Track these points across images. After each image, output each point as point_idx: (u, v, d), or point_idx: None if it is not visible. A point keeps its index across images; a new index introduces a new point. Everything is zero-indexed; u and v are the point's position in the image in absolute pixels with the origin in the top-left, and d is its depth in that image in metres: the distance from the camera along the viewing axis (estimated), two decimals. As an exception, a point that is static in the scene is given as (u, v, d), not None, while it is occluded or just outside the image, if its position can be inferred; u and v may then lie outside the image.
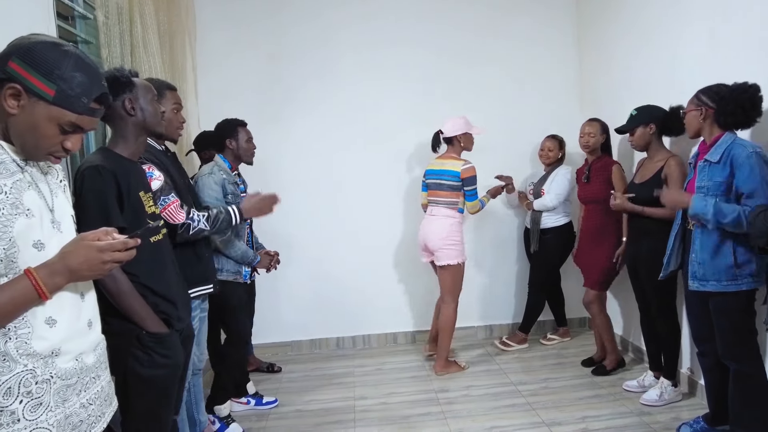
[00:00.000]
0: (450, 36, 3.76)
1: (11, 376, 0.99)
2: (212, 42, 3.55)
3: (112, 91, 1.65)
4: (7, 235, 0.98)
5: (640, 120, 2.66)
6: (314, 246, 3.76)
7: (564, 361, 3.40)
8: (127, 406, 1.64)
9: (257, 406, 2.91)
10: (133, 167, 1.71)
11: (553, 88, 3.89)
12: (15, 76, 0.99)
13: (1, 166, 1.01)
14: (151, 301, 1.64)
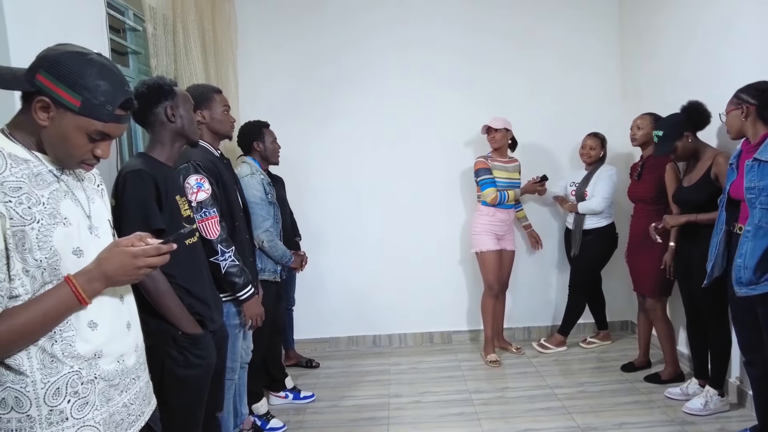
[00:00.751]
0: (484, 36, 3.75)
1: (59, 377, 1.04)
2: (251, 49, 3.68)
3: (155, 98, 1.76)
4: (47, 245, 1.02)
5: (672, 137, 2.55)
6: (352, 244, 3.84)
7: (603, 365, 3.32)
8: (163, 403, 1.75)
9: (295, 400, 3.00)
10: (169, 172, 1.79)
11: (594, 84, 3.80)
12: (43, 88, 1.02)
13: (38, 177, 1.05)
14: (187, 302, 1.72)
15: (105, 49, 2.18)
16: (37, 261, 1.00)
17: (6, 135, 1.06)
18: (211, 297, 1.86)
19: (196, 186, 1.99)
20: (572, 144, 3.72)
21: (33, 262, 1.00)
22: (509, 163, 3.47)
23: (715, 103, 2.49)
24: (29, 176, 1.03)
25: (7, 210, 0.97)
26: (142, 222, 1.61)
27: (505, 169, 3.44)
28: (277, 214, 2.74)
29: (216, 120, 2.20)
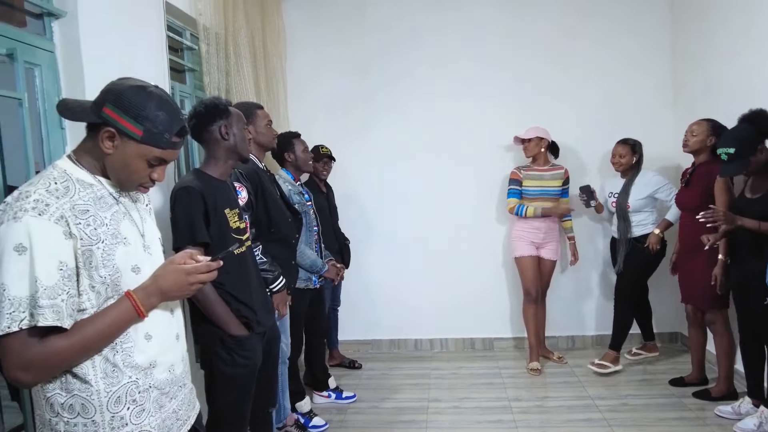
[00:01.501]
0: (525, 41, 3.74)
1: (119, 387, 1.14)
2: (299, 61, 3.83)
3: (211, 117, 1.91)
4: (111, 263, 1.12)
5: (747, 153, 2.39)
6: (396, 248, 3.92)
7: (649, 378, 3.23)
8: (213, 399, 1.90)
9: (337, 400, 3.11)
10: (221, 186, 1.93)
11: (642, 88, 3.71)
12: (109, 120, 1.11)
13: (101, 200, 1.15)
14: (234, 307, 1.85)
15: (164, 68, 2.37)
16: (102, 278, 1.11)
17: (73, 161, 1.17)
18: (259, 301, 1.98)
19: (235, 193, 2.14)
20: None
21: (98, 279, 1.11)
22: (548, 171, 3.46)
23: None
24: (94, 199, 1.14)
25: (78, 231, 1.07)
26: (189, 235, 1.76)
27: (541, 178, 3.43)
28: (309, 222, 2.83)
29: (260, 133, 2.35)
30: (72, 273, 1.07)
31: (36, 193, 1.05)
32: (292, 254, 2.50)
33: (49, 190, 1.07)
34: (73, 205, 1.09)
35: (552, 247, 3.51)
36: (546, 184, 3.45)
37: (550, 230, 3.48)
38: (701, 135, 2.85)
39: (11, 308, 0.99)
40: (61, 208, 1.06)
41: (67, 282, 1.06)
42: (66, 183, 1.11)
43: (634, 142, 3.30)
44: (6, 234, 1.02)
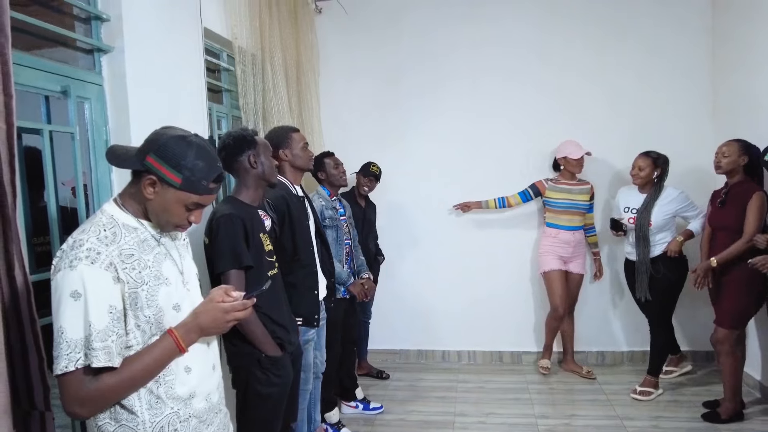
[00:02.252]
0: (562, 54, 3.71)
1: (162, 417, 1.23)
2: (332, 72, 3.92)
3: (239, 148, 2.00)
4: (154, 303, 1.21)
5: None
6: (426, 260, 3.96)
7: (681, 399, 3.18)
8: (246, 416, 1.99)
9: (365, 411, 3.19)
10: (254, 212, 2.01)
11: (679, 99, 3.64)
12: (151, 168, 1.20)
13: (144, 243, 1.24)
14: (270, 328, 1.94)
15: (203, 90, 2.48)
16: (147, 317, 1.20)
17: (119, 205, 1.26)
18: (289, 321, 2.07)
19: None
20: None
21: (143, 318, 1.20)
22: (576, 186, 3.48)
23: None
24: (138, 243, 1.23)
25: (125, 276, 1.16)
26: (234, 260, 1.85)
27: (570, 192, 3.46)
28: (340, 236, 2.91)
29: (296, 156, 2.40)
30: (120, 315, 1.16)
31: (88, 241, 1.14)
32: (314, 283, 2.46)
33: (99, 238, 1.16)
34: (121, 251, 1.18)
35: (580, 261, 3.52)
36: (575, 197, 3.47)
37: (578, 244, 3.50)
38: (733, 155, 2.81)
39: (68, 350, 1.10)
40: (110, 255, 1.15)
41: (116, 324, 1.15)
42: (113, 229, 1.20)
43: (657, 155, 3.16)
44: (63, 281, 1.12)
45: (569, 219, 3.47)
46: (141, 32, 2.05)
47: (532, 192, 3.60)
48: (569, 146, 3.47)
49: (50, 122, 1.80)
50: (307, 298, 2.36)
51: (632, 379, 3.47)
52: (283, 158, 2.37)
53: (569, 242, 3.46)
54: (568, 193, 3.46)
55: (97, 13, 1.93)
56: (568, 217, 3.46)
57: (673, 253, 3.09)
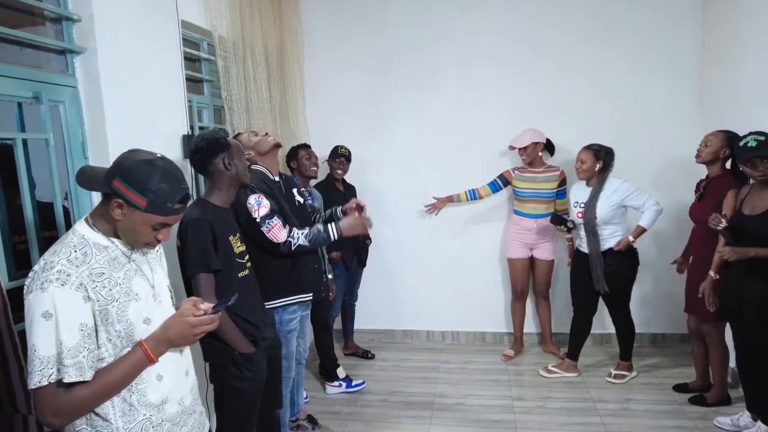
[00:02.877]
0: (558, 46, 3.69)
1: (135, 423, 1.30)
2: (318, 59, 3.88)
3: (213, 151, 2.00)
4: (124, 318, 1.27)
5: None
6: (412, 243, 4.03)
7: (653, 382, 3.29)
8: (223, 409, 2.09)
9: (348, 389, 3.32)
10: (223, 214, 2.04)
11: (667, 89, 3.61)
12: (118, 191, 1.25)
13: (115, 261, 1.30)
14: (242, 326, 2.01)
15: (181, 84, 2.47)
16: (118, 331, 1.27)
17: (89, 225, 1.31)
18: (262, 319, 2.13)
19: (257, 204, 2.26)
20: (637, 154, 3.61)
21: (114, 333, 1.26)
22: (542, 174, 3.52)
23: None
24: (109, 261, 1.28)
25: (95, 294, 1.22)
26: (202, 264, 1.90)
27: (534, 180, 3.51)
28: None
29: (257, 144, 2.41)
30: (91, 331, 1.23)
31: (59, 263, 1.20)
32: (316, 258, 2.61)
33: (69, 259, 1.22)
34: (91, 270, 1.24)
35: (546, 247, 3.60)
36: (539, 186, 3.52)
37: (542, 231, 3.55)
38: (715, 146, 2.79)
39: (41, 366, 1.16)
40: (80, 276, 1.21)
41: (88, 340, 1.21)
42: (84, 249, 1.26)
43: (599, 148, 3.14)
44: (35, 302, 1.18)
45: (533, 207, 3.52)
46: (114, 31, 2.04)
47: (501, 182, 3.66)
48: (521, 136, 3.50)
49: (24, 129, 1.82)
50: (311, 273, 2.50)
51: (609, 361, 3.59)
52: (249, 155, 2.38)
53: (531, 229, 3.53)
54: (532, 182, 3.52)
55: (67, 15, 1.91)
56: (531, 206, 3.52)
57: (620, 247, 3.10)
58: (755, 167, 2.39)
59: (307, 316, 2.74)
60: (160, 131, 2.32)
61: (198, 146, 1.99)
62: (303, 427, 2.86)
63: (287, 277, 2.42)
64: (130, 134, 2.10)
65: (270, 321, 2.25)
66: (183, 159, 2.46)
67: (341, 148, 3.47)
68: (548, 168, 3.55)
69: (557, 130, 3.63)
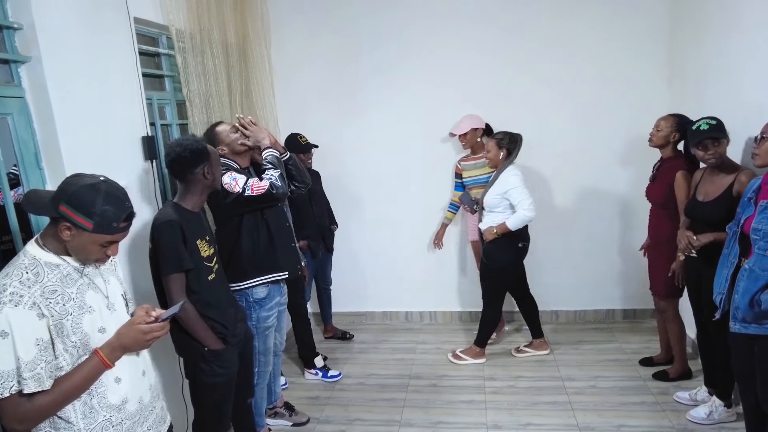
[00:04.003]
0: (525, 26, 3.64)
1: (96, 424, 1.41)
2: (287, 48, 3.82)
3: (194, 162, 2.02)
4: (79, 330, 1.36)
5: (724, 130, 2.41)
6: (388, 227, 4.06)
7: (621, 358, 3.40)
8: (197, 403, 2.17)
9: (324, 378, 3.40)
10: (193, 217, 2.08)
11: (638, 65, 3.59)
12: (65, 216, 1.33)
13: (67, 277, 1.38)
14: (211, 325, 2.08)
15: (137, 86, 2.42)
16: (73, 342, 1.35)
17: (40, 246, 1.38)
18: (231, 317, 2.19)
19: (232, 180, 2.30)
20: (609, 130, 3.64)
21: (70, 344, 1.35)
22: (480, 159, 3.49)
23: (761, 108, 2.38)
24: (61, 278, 1.36)
25: (49, 311, 1.30)
26: (177, 265, 1.97)
27: (473, 167, 3.52)
28: None
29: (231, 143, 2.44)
30: (48, 344, 1.31)
31: (11, 286, 1.27)
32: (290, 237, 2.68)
33: (21, 281, 1.29)
34: (44, 289, 1.32)
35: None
36: (476, 172, 3.51)
37: None
38: (666, 130, 2.85)
39: (2, 380, 1.25)
40: (33, 296, 1.29)
41: (45, 353, 1.30)
42: (36, 269, 1.33)
43: (502, 136, 3.19)
44: None
45: (475, 194, 3.47)
46: (60, 37, 1.99)
47: (459, 179, 3.67)
48: (460, 123, 3.50)
49: (-29, 144, 1.80)
50: (284, 251, 2.54)
51: (581, 338, 3.70)
52: (221, 152, 2.40)
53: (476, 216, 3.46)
54: (471, 169, 3.53)
55: (7, 24, 1.86)
56: (474, 192, 3.50)
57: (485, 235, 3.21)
58: (706, 149, 2.43)
59: (284, 310, 2.79)
60: (117, 135, 2.29)
61: (180, 156, 2.02)
62: (280, 414, 2.96)
63: (263, 256, 2.46)
64: (84, 140, 2.08)
65: (241, 317, 2.32)
66: (144, 160, 2.45)
67: (301, 137, 3.38)
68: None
69: (524, 107, 3.63)
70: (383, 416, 2.96)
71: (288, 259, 2.58)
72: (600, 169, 3.74)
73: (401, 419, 2.92)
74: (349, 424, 2.91)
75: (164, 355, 2.48)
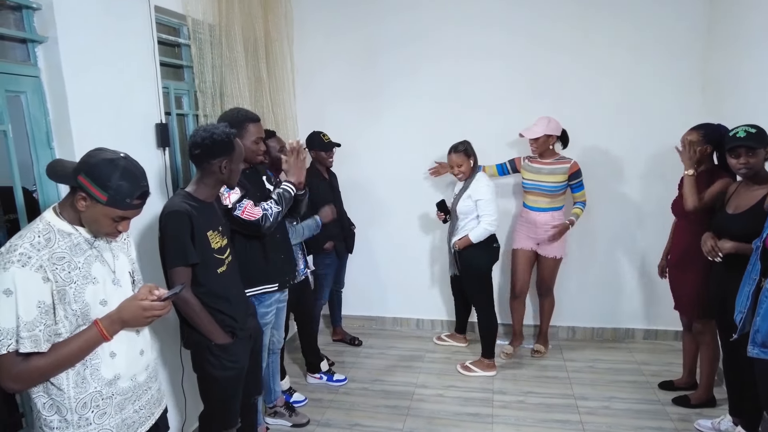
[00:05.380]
0: (552, 31, 3.53)
1: (86, 395, 1.43)
2: (310, 46, 3.82)
3: (217, 152, 1.97)
4: (81, 299, 1.40)
5: (764, 139, 2.26)
6: (404, 230, 3.99)
7: (639, 380, 3.23)
8: (205, 396, 2.12)
9: (328, 382, 3.32)
10: (205, 208, 2.02)
11: (669, 71, 3.45)
12: (82, 186, 1.38)
13: (77, 247, 1.42)
14: (219, 318, 2.02)
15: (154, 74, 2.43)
16: (74, 310, 1.39)
17: (57, 213, 1.43)
18: (241, 310, 2.13)
19: (226, 192, 2.25)
20: (638, 139, 3.53)
21: (71, 311, 1.39)
22: (549, 165, 3.33)
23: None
24: (71, 247, 1.41)
25: (54, 276, 1.34)
26: (182, 257, 1.92)
27: (539, 172, 3.35)
28: None
29: (247, 149, 2.30)
30: (49, 309, 1.35)
31: (21, 247, 1.32)
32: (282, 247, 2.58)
33: (32, 243, 1.34)
34: (52, 254, 1.36)
35: (553, 245, 3.41)
36: (542, 178, 3.35)
37: (544, 225, 3.37)
38: (695, 144, 2.66)
39: (1, 337, 1.29)
40: (41, 259, 1.33)
41: (44, 316, 1.34)
42: (48, 234, 1.38)
43: (465, 146, 3.19)
44: None
45: (534, 200, 3.39)
46: (78, 19, 2.01)
47: (510, 167, 3.53)
48: (534, 125, 3.32)
49: (-15, 119, 1.82)
50: (275, 264, 2.48)
51: (597, 357, 3.54)
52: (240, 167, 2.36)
53: (534, 223, 3.39)
54: (537, 173, 3.36)
55: (27, 3, 1.89)
56: (533, 198, 3.40)
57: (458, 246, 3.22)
58: (738, 156, 2.29)
59: (283, 308, 2.74)
60: (130, 119, 2.29)
61: (203, 142, 1.95)
62: (280, 413, 2.90)
63: (255, 268, 2.41)
64: (96, 123, 2.09)
65: (251, 311, 2.27)
66: (157, 147, 2.45)
67: (324, 135, 3.36)
68: (558, 159, 3.32)
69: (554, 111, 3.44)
70: (385, 423, 2.87)
71: (279, 271, 2.50)
72: (627, 179, 3.60)
73: (403, 427, 2.83)
74: (350, 429, 2.83)
75: (168, 346, 2.46)
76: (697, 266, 2.68)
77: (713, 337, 2.80)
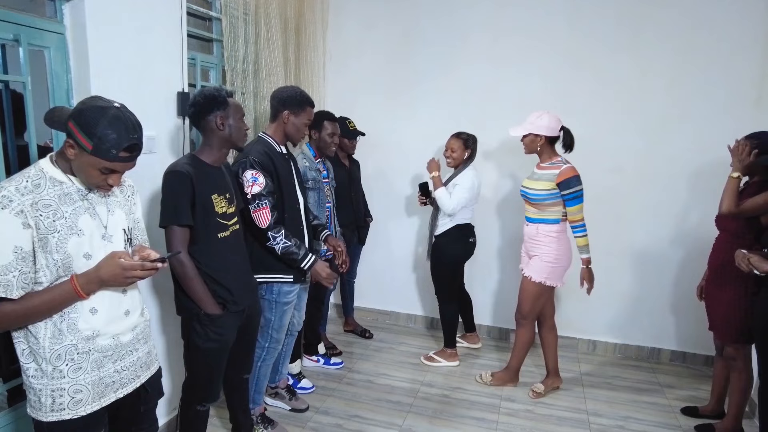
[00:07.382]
0: (600, 27, 3.35)
1: (61, 346, 1.40)
2: (342, 27, 3.78)
3: (209, 107, 1.98)
4: (63, 249, 1.35)
5: None
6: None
7: (660, 402, 3.02)
8: (188, 365, 2.10)
9: (325, 365, 3.29)
10: (212, 172, 2.01)
11: (719, 81, 3.22)
12: (71, 133, 1.34)
13: (67, 196, 1.39)
14: (212, 287, 1.99)
15: (180, 39, 2.43)
16: (55, 260, 1.35)
17: (52, 161, 1.41)
18: (238, 284, 2.08)
19: (252, 180, 2.22)
20: (679, 149, 3.32)
21: (52, 261, 1.35)
22: (542, 170, 2.83)
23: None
24: (60, 195, 1.38)
25: (36, 223, 1.31)
26: (174, 217, 1.90)
27: (531, 177, 2.90)
28: (321, 198, 2.89)
29: (295, 126, 2.38)
30: (28, 255, 1.31)
31: (6, 189, 1.29)
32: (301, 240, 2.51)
33: (17, 187, 1.31)
34: (39, 200, 1.33)
35: (531, 261, 2.90)
36: (528, 184, 2.88)
37: (531, 240, 2.91)
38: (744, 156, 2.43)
39: None
40: (22, 204, 1.30)
41: (21, 262, 1.30)
42: (38, 181, 1.35)
43: (468, 137, 3.18)
44: None
45: (525, 209, 2.96)
46: (106, -21, 2.03)
47: None
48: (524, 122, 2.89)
49: (6, 71, 1.85)
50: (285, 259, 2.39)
51: (617, 374, 3.35)
52: (284, 121, 2.37)
53: (524, 235, 2.98)
54: (529, 178, 2.91)
55: (56, -41, 1.91)
56: (526, 206, 2.95)
57: None
58: None
59: (306, 289, 2.70)
60: (151, 85, 2.30)
61: (195, 100, 1.99)
62: (281, 395, 2.86)
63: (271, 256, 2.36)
64: (116, 85, 2.10)
65: (251, 288, 2.21)
66: (177, 116, 2.45)
67: (350, 122, 3.32)
68: (552, 164, 2.80)
69: (582, 117, 3.30)
70: (384, 418, 2.79)
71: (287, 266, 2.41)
72: (663, 191, 3.39)
73: (402, 424, 2.73)
74: (348, 419, 2.76)
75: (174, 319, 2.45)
76: (736, 284, 2.48)
77: (747, 364, 2.59)
